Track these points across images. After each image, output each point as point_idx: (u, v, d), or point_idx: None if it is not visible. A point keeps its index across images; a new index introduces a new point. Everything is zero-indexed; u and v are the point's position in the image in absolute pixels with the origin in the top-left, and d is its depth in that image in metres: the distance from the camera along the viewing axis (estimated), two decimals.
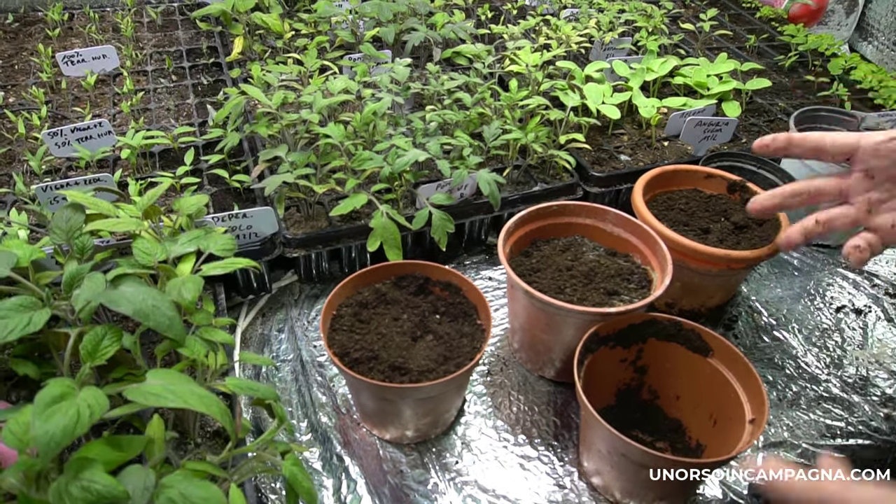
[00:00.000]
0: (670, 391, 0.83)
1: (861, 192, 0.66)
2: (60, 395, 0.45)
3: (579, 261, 0.90)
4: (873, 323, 1.05)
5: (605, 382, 0.82)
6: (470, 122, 1.11)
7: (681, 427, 0.83)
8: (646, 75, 1.29)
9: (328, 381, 0.90)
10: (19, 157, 1.10)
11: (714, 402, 0.78)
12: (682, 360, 0.80)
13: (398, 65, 1.14)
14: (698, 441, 0.80)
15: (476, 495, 0.77)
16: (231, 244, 0.71)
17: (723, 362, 0.77)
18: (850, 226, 0.67)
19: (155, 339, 0.82)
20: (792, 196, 0.69)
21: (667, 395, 0.84)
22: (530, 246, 0.94)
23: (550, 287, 0.85)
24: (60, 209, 0.66)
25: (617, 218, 0.92)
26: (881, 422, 0.89)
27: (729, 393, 0.75)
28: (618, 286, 0.86)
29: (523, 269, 0.89)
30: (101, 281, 0.56)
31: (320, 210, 1.01)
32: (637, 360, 0.83)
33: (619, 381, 0.84)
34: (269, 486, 0.76)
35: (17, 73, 1.35)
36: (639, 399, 0.85)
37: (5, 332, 0.50)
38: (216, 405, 0.50)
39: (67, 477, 0.42)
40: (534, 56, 1.20)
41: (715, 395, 0.77)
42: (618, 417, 0.80)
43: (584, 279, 0.87)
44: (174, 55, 1.43)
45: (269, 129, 1.00)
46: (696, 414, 0.81)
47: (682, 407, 0.83)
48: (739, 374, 0.75)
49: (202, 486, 0.46)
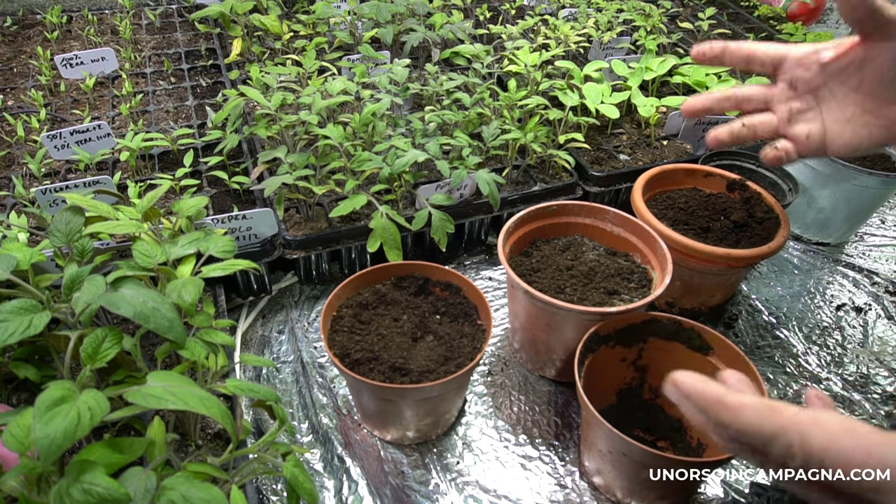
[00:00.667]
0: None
1: (784, 102, 0.68)
2: (61, 397, 0.45)
3: (579, 260, 0.90)
4: (873, 321, 1.05)
5: (606, 382, 0.82)
6: (469, 122, 1.11)
7: (682, 426, 0.83)
8: (644, 74, 1.29)
9: (329, 382, 0.90)
10: (19, 159, 1.10)
11: None
12: (683, 358, 0.80)
13: (397, 65, 1.13)
14: (699, 440, 0.80)
15: (477, 496, 0.77)
16: (231, 246, 0.71)
17: (723, 361, 0.77)
18: (771, 132, 0.69)
19: (155, 341, 0.82)
20: (721, 101, 0.72)
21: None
22: (530, 246, 0.94)
23: (550, 287, 0.85)
24: (60, 212, 0.66)
25: (616, 217, 0.92)
26: (882, 420, 0.89)
27: None
28: (618, 285, 0.86)
29: (523, 268, 0.89)
30: (102, 283, 0.56)
31: (320, 211, 1.01)
32: (638, 360, 0.83)
33: (620, 380, 0.84)
34: (270, 488, 0.76)
35: (16, 76, 1.35)
36: (640, 398, 0.85)
37: (6, 335, 0.50)
38: (217, 407, 0.50)
39: (68, 479, 0.42)
40: (532, 56, 1.20)
41: None
42: (619, 417, 0.80)
43: (584, 279, 0.87)
44: (173, 57, 1.43)
45: (269, 131, 1.00)
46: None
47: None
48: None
49: (203, 487, 0.46)
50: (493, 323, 0.79)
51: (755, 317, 1.05)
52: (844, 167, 1.06)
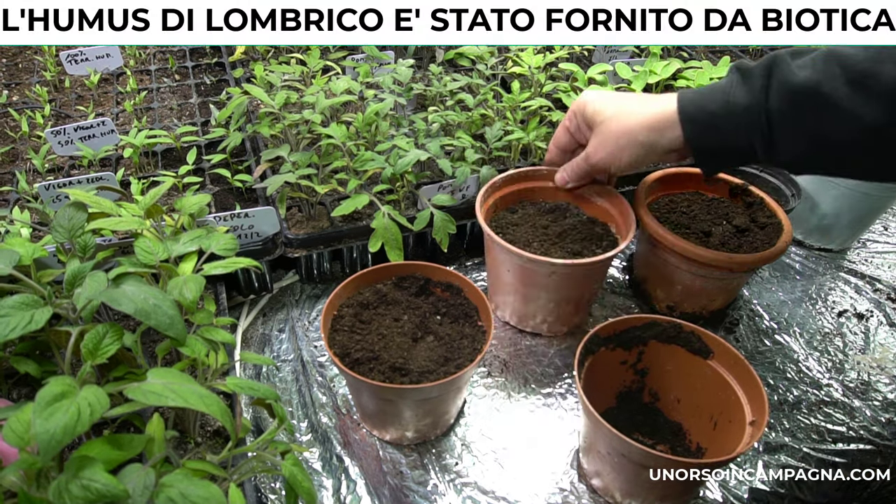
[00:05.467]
0: (671, 394, 0.83)
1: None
2: (61, 393, 0.45)
3: (558, 223, 0.95)
4: (875, 327, 1.05)
5: (605, 384, 0.82)
6: (472, 123, 1.11)
7: (681, 430, 0.82)
8: (648, 78, 1.29)
9: (329, 381, 0.90)
10: (23, 155, 1.10)
11: (714, 404, 0.77)
12: (683, 362, 0.80)
13: (401, 65, 1.14)
14: (699, 444, 0.80)
15: (476, 497, 0.77)
16: (233, 244, 0.71)
17: (723, 364, 0.77)
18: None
19: (156, 338, 0.82)
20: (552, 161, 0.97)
21: (667, 398, 0.84)
22: (517, 204, 1.00)
23: (520, 240, 0.91)
24: (63, 207, 0.67)
25: (600, 189, 0.98)
26: (882, 427, 0.89)
27: (729, 395, 0.75)
28: (584, 248, 0.91)
29: (505, 222, 0.96)
30: (103, 279, 0.56)
31: (322, 210, 1.01)
32: (638, 363, 0.83)
33: (620, 383, 0.84)
34: (268, 486, 0.76)
35: (21, 72, 1.35)
36: (640, 401, 0.85)
37: (7, 329, 0.50)
38: (217, 404, 0.50)
39: (67, 475, 0.42)
40: (536, 58, 1.20)
41: (715, 397, 0.77)
42: (618, 419, 0.80)
43: (555, 238, 0.93)
44: (177, 54, 1.43)
45: (272, 129, 1.00)
46: (697, 416, 0.81)
47: (683, 409, 0.83)
48: (740, 376, 0.75)
49: (202, 485, 0.46)
50: (493, 324, 0.79)
51: (756, 322, 1.04)
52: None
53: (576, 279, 0.89)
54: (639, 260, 1.05)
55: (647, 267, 1.02)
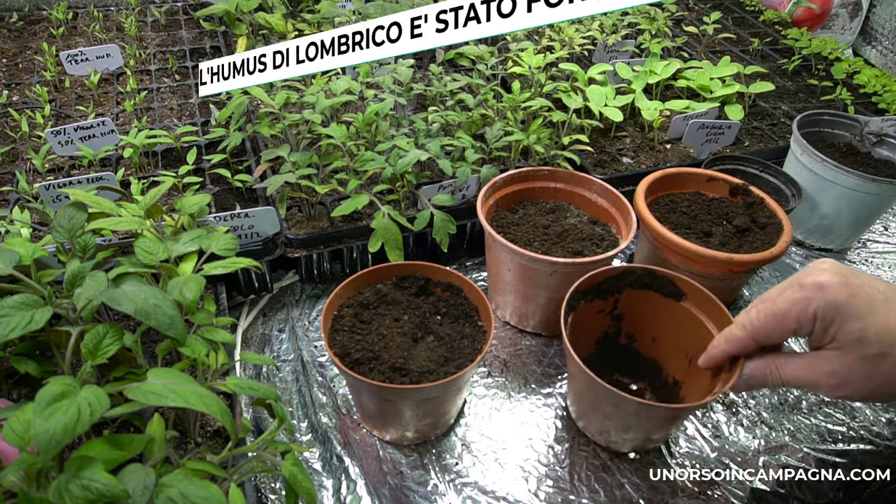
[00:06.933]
0: (647, 334, 0.87)
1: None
2: (61, 393, 0.45)
3: (559, 223, 0.95)
4: None
5: (585, 333, 0.85)
6: (472, 123, 1.11)
7: (658, 366, 0.86)
8: (649, 78, 1.29)
9: (329, 381, 0.90)
10: (23, 155, 1.10)
11: (689, 342, 0.80)
12: (657, 305, 0.83)
13: (401, 66, 1.14)
14: (675, 378, 0.84)
15: (476, 497, 0.77)
16: (233, 244, 0.71)
17: (695, 305, 0.80)
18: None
19: (156, 338, 0.82)
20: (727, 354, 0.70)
21: (643, 338, 0.87)
22: (518, 204, 1.00)
23: (521, 239, 0.91)
24: (63, 208, 0.67)
25: (601, 188, 0.97)
26: (883, 427, 0.89)
27: (703, 333, 0.78)
28: (584, 248, 0.91)
29: (505, 221, 0.96)
30: (103, 280, 0.56)
31: (322, 210, 1.01)
32: (614, 310, 0.86)
33: (598, 330, 0.87)
34: (268, 486, 0.76)
35: (21, 72, 1.35)
36: (617, 344, 0.88)
37: (7, 329, 0.50)
38: (217, 405, 0.50)
39: (68, 475, 0.42)
40: (537, 58, 1.20)
41: (689, 335, 0.80)
42: (598, 363, 0.82)
43: (556, 238, 0.93)
44: (177, 54, 1.43)
45: (272, 129, 1.00)
46: (673, 354, 0.84)
47: (659, 348, 0.86)
48: (712, 315, 0.78)
49: (202, 485, 0.46)
50: (493, 324, 0.79)
51: None
52: (847, 173, 1.06)
53: (577, 279, 0.89)
54: (639, 260, 1.05)
55: None
